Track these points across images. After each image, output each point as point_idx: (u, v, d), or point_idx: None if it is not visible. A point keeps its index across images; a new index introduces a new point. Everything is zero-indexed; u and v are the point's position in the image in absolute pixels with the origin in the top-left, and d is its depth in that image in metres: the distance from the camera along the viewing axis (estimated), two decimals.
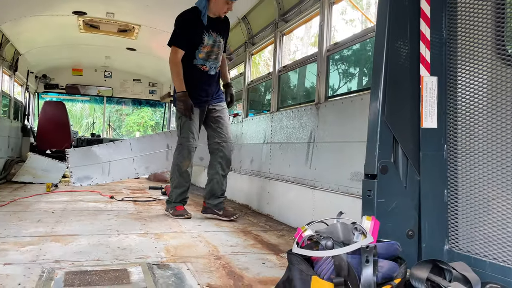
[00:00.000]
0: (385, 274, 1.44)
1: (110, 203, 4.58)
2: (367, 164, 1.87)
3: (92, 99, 10.78)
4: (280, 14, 4.19)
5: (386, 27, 1.89)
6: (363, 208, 1.87)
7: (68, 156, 6.00)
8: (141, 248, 2.61)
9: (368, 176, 1.87)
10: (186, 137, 3.77)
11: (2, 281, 1.88)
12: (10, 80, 7.24)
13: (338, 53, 3.31)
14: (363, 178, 1.89)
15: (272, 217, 4.04)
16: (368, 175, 1.87)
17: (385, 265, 1.44)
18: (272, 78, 4.33)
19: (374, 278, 1.37)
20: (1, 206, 4.02)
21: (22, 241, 2.65)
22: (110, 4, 5.52)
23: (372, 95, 1.89)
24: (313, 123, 3.38)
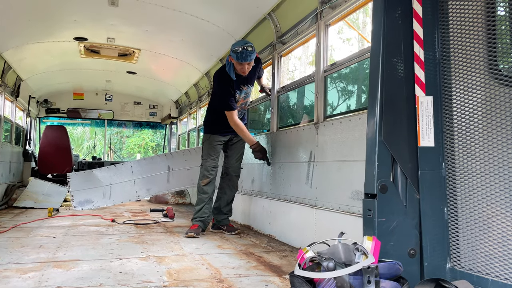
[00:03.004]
0: None
1: (112, 226, 4.57)
2: (366, 183, 1.89)
3: (93, 122, 10.86)
4: (278, 36, 4.27)
5: (380, 49, 1.94)
6: (364, 228, 1.88)
7: (69, 180, 6.00)
8: (143, 272, 2.60)
9: (368, 196, 1.88)
10: (205, 158, 4.24)
11: None
12: (12, 106, 7.32)
13: (336, 73, 3.36)
14: (363, 197, 1.91)
15: (274, 237, 4.02)
16: (368, 195, 1.88)
17: (387, 286, 1.44)
18: (271, 98, 4.38)
19: None
20: (2, 232, 4.02)
21: (24, 268, 2.64)
22: (111, 29, 5.63)
23: (369, 115, 1.92)
24: (313, 143, 3.40)
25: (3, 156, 6.72)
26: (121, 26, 5.54)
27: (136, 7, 4.76)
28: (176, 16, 4.89)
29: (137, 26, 5.55)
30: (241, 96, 4.09)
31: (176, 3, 4.64)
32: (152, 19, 5.16)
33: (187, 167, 6.22)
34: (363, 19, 18.88)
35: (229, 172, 4.35)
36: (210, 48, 5.86)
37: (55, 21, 5.29)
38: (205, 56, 6.24)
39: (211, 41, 5.54)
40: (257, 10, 4.30)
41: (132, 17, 5.18)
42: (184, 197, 7.87)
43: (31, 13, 4.92)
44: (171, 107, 9.70)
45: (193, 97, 8.14)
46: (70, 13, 5.05)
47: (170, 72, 7.70)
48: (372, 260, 1.46)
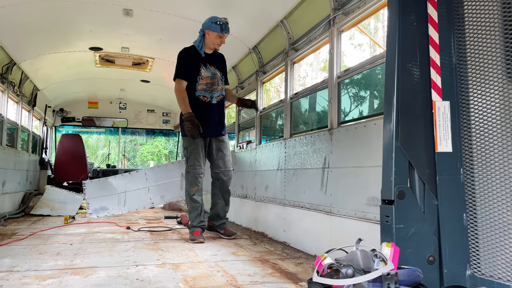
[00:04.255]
0: None
1: (127, 233, 4.60)
2: (383, 189, 1.88)
3: (107, 130, 11.00)
4: (290, 43, 4.29)
5: (396, 54, 1.93)
6: (381, 234, 1.86)
7: (85, 188, 6.09)
8: (160, 279, 2.62)
9: (385, 202, 1.87)
10: (192, 165, 4.17)
11: None
12: (29, 115, 7.47)
13: (349, 79, 3.36)
14: (380, 203, 1.89)
15: (289, 244, 4.00)
16: (385, 201, 1.87)
17: None
18: (284, 105, 4.39)
19: None
20: (21, 239, 4.08)
21: (43, 275, 2.68)
22: (125, 39, 5.72)
23: (385, 120, 1.92)
24: (327, 149, 3.40)
25: (21, 164, 6.84)
26: (135, 35, 5.62)
27: (150, 16, 4.83)
28: (189, 24, 4.95)
29: (150, 36, 5.63)
30: (208, 74, 4.17)
31: (188, 12, 4.70)
32: (166, 28, 5.23)
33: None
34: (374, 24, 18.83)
35: (219, 177, 4.34)
36: None
37: (71, 31, 5.40)
38: None
39: (223, 49, 5.55)
40: (270, 17, 4.34)
41: (146, 27, 5.26)
42: None
43: (47, 24, 5.03)
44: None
45: None
46: (85, 24, 5.16)
47: None
48: (392, 267, 1.45)
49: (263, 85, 5.32)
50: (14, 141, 6.52)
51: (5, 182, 5.88)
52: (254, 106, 4.47)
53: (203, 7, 4.55)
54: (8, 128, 6.11)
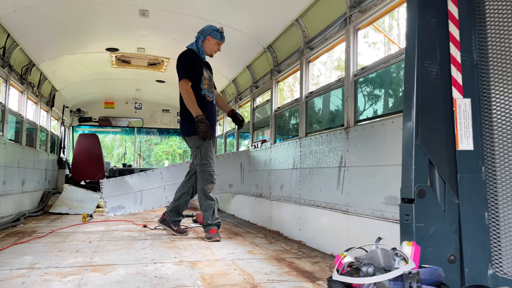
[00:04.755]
0: None
1: (144, 232, 4.66)
2: (403, 188, 1.86)
3: (123, 130, 11.13)
4: (305, 42, 4.28)
5: (415, 51, 1.92)
6: (401, 233, 1.85)
7: (102, 187, 6.16)
8: (178, 277, 2.64)
9: (405, 200, 1.86)
10: (207, 163, 4.22)
11: None
12: (47, 116, 7.61)
13: (365, 77, 3.33)
14: (400, 202, 1.88)
15: (305, 243, 4.00)
16: (405, 199, 1.86)
17: None
18: (300, 104, 4.38)
19: None
20: (41, 237, 4.16)
21: (64, 272, 2.73)
22: (141, 40, 5.78)
23: (404, 118, 1.90)
24: (343, 148, 3.38)
25: (40, 164, 6.98)
26: (151, 36, 5.68)
27: (166, 17, 4.88)
28: (204, 24, 4.97)
29: (166, 36, 5.68)
30: (207, 76, 4.36)
31: (204, 12, 4.73)
32: (181, 28, 5.27)
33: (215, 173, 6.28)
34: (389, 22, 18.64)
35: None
36: (237, 56, 5.92)
37: (88, 32, 5.48)
38: (232, 64, 6.31)
39: (238, 48, 5.59)
40: (285, 16, 4.33)
41: (162, 27, 5.30)
42: None
43: (65, 25, 5.11)
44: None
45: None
46: (102, 25, 5.23)
47: None
48: (413, 266, 1.44)
49: (278, 84, 5.31)
50: (33, 141, 6.65)
51: (24, 181, 6.00)
52: (241, 123, 4.70)
53: (218, 7, 4.57)
54: (27, 128, 6.24)
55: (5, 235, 4.25)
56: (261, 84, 5.80)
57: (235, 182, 6.45)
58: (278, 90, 5.39)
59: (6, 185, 5.20)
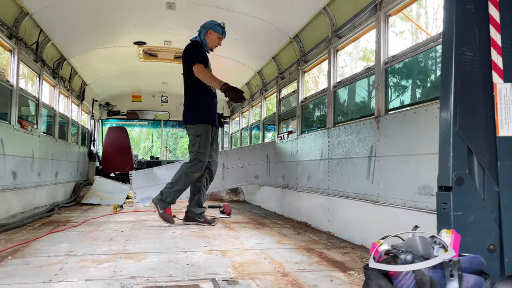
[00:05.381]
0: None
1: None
2: (440, 176, 1.81)
3: (149, 123, 11.31)
4: (333, 31, 4.22)
5: (453, 35, 1.85)
6: (438, 222, 1.81)
7: (132, 178, 6.30)
8: (209, 264, 2.68)
9: (442, 189, 1.81)
10: (203, 153, 4.36)
11: None
12: (78, 109, 7.81)
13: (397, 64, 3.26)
14: (437, 190, 1.83)
15: (334, 234, 3.97)
16: (442, 188, 1.81)
17: (471, 280, 1.38)
18: (327, 93, 4.33)
19: None
20: (75, 226, 4.30)
21: (99, 259, 2.81)
22: (168, 33, 5.83)
23: (442, 105, 1.85)
24: (374, 137, 3.32)
25: (72, 156, 7.19)
26: (178, 29, 5.72)
27: (192, 9, 4.90)
28: (230, 16, 4.97)
29: (192, 28, 5.66)
30: (210, 68, 4.50)
31: (230, 4, 4.72)
32: (207, 20, 5.28)
33: (241, 165, 6.31)
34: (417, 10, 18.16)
35: (210, 166, 4.51)
36: (263, 47, 5.90)
37: (116, 26, 5.57)
38: (258, 55, 6.29)
39: (264, 39, 5.57)
40: (312, 5, 4.27)
41: (188, 20, 5.33)
42: (238, 195, 7.99)
43: (94, 20, 5.22)
44: (223, 107, 9.87)
45: (245, 96, 8.22)
46: (130, 19, 5.30)
47: (222, 72, 7.80)
48: (453, 254, 1.41)
49: (304, 74, 5.26)
50: (65, 134, 6.85)
51: (58, 172, 6.20)
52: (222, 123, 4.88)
53: None
54: (59, 122, 6.42)
55: (41, 224, 4.41)
56: (287, 75, 5.76)
57: (261, 174, 6.47)
58: (305, 80, 5.34)
59: (41, 177, 5.39)
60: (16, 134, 4.51)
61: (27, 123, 4.85)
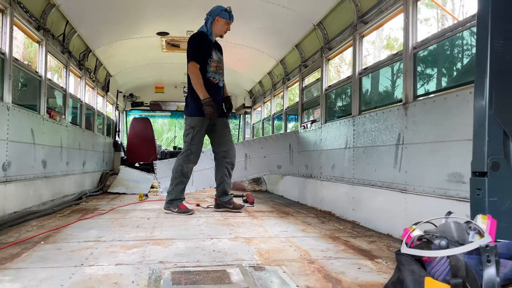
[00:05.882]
0: (507, 275, 1.33)
1: (197, 210, 4.78)
2: (474, 161, 1.76)
3: (172, 114, 11.42)
4: (359, 16, 4.13)
5: (489, 16, 1.78)
6: (472, 208, 1.76)
7: (156, 168, 6.39)
8: (235, 251, 2.69)
9: (477, 174, 1.76)
10: (196, 144, 4.46)
11: (118, 279, 2.05)
12: (103, 100, 7.96)
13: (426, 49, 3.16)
14: (471, 176, 1.78)
15: (359, 223, 3.93)
16: (476, 173, 1.76)
17: (508, 265, 1.33)
18: (352, 81, 4.26)
19: (498, 279, 1.28)
20: (103, 214, 4.40)
21: (128, 244, 2.87)
22: (190, 22, 5.83)
23: (477, 88, 1.78)
24: (401, 124, 3.25)
25: (98, 146, 7.35)
26: (200, 18, 5.68)
27: None
28: (253, 4, 4.94)
29: None
30: (217, 58, 4.48)
31: None
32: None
33: (264, 154, 6.31)
34: None
35: (226, 155, 4.61)
36: (286, 35, 5.84)
37: (139, 17, 5.61)
38: (281, 43, 6.23)
39: (287, 27, 5.51)
40: None
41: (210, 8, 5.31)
42: (261, 185, 8.01)
43: (118, 11, 5.27)
44: (245, 97, 9.87)
45: (267, 85, 8.20)
46: (153, 9, 5.33)
47: (244, 62, 7.81)
48: (489, 239, 1.36)
49: (328, 62, 5.19)
50: (91, 125, 7.00)
51: (85, 162, 6.35)
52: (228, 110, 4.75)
53: None
54: (85, 113, 6.56)
55: (70, 212, 4.53)
56: (310, 63, 5.70)
57: (284, 163, 6.45)
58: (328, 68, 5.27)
59: (69, 166, 5.53)
60: (45, 124, 4.63)
61: (55, 113, 4.97)
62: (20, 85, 4.44)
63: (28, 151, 4.18)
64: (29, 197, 4.22)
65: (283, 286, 1.99)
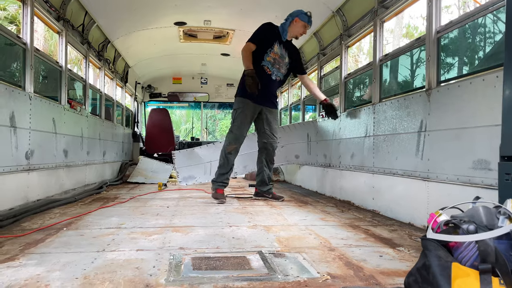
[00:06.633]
0: None
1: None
2: (503, 145, 1.70)
3: (189, 105, 11.47)
4: (379, 1, 4.03)
5: None
6: (500, 194, 1.70)
7: (174, 158, 6.44)
8: (254, 239, 2.69)
9: (505, 159, 1.69)
10: (237, 125, 4.50)
11: (139, 264, 2.07)
12: (122, 91, 8.03)
13: (451, 33, 3.06)
14: (499, 161, 1.72)
15: (379, 212, 3.88)
16: (505, 158, 1.69)
17: None
18: (373, 68, 4.17)
19: None
20: (123, 202, 4.46)
21: (148, 231, 2.90)
22: (207, 12, 5.82)
23: (506, 70, 1.71)
24: (424, 111, 3.17)
25: (117, 137, 7.44)
26: (217, 8, 5.69)
27: None
28: None
29: (232, 6, 5.66)
30: (278, 52, 4.47)
31: None
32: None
33: (282, 144, 6.27)
34: None
35: (267, 146, 4.68)
36: None
37: (157, 7, 5.61)
38: None
39: None
40: None
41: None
42: (278, 175, 7.98)
43: (135, 1, 5.28)
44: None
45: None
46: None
47: None
48: None
49: (348, 49, 5.10)
50: (111, 115, 7.08)
51: (105, 152, 6.44)
52: (335, 115, 4.69)
53: None
54: (105, 103, 6.63)
55: (92, 200, 4.60)
56: (329, 50, 5.61)
57: (302, 153, 6.41)
58: (348, 56, 5.18)
59: (90, 155, 5.61)
60: (66, 114, 4.70)
61: (76, 103, 5.04)
62: (42, 76, 4.51)
63: (50, 140, 4.25)
64: (52, 185, 4.30)
65: (303, 272, 1.97)
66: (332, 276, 1.92)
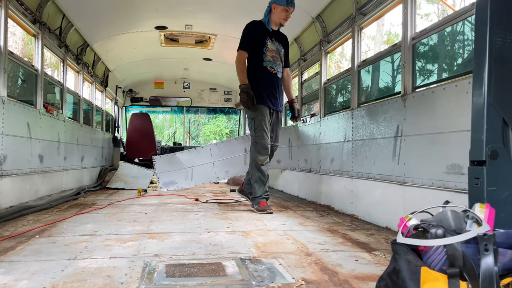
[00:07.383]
0: (506, 265, 1.30)
1: (196, 205, 4.76)
2: (473, 150, 1.73)
3: (172, 109, 11.39)
4: (357, 8, 4.08)
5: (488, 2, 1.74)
6: (470, 198, 1.73)
7: (155, 163, 6.37)
8: (231, 244, 2.67)
9: (475, 163, 1.72)
10: (260, 135, 4.20)
11: (111, 272, 2.02)
12: (102, 95, 7.92)
13: (425, 40, 3.12)
14: (469, 165, 1.74)
15: (357, 216, 3.90)
16: (474, 162, 1.72)
17: (507, 255, 1.30)
18: (351, 73, 4.21)
19: (496, 268, 1.25)
20: (100, 208, 4.37)
21: (123, 238, 2.84)
22: (189, 16, 5.80)
23: (475, 75, 1.75)
24: (400, 116, 3.21)
25: (96, 141, 7.31)
26: (198, 12, 5.68)
27: None
28: None
29: (213, 11, 5.65)
30: (273, 48, 4.28)
31: None
32: (228, 2, 5.22)
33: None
34: None
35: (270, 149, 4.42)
36: (284, 29, 5.76)
37: (137, 11, 5.57)
38: None
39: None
40: None
41: (209, 2, 5.27)
42: None
43: (116, 4, 5.23)
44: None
45: None
46: (151, 2, 5.29)
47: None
48: (487, 228, 1.33)
49: (327, 55, 5.14)
50: (90, 120, 6.97)
51: (83, 157, 6.32)
52: (296, 117, 4.64)
53: None
54: (84, 108, 6.52)
55: (68, 207, 4.50)
56: (309, 56, 5.65)
57: (283, 158, 6.42)
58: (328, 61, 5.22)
59: (67, 161, 5.50)
60: (42, 118, 4.60)
61: (52, 108, 4.94)
62: (16, 79, 4.40)
63: (24, 145, 4.15)
64: (26, 191, 4.19)
65: (278, 278, 1.96)
66: (306, 281, 1.91)
